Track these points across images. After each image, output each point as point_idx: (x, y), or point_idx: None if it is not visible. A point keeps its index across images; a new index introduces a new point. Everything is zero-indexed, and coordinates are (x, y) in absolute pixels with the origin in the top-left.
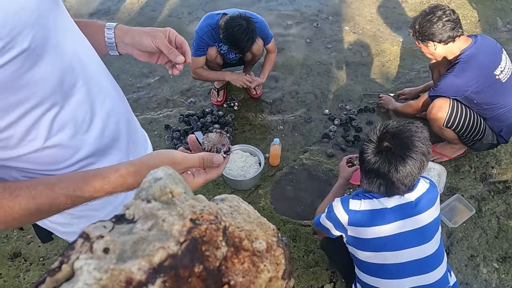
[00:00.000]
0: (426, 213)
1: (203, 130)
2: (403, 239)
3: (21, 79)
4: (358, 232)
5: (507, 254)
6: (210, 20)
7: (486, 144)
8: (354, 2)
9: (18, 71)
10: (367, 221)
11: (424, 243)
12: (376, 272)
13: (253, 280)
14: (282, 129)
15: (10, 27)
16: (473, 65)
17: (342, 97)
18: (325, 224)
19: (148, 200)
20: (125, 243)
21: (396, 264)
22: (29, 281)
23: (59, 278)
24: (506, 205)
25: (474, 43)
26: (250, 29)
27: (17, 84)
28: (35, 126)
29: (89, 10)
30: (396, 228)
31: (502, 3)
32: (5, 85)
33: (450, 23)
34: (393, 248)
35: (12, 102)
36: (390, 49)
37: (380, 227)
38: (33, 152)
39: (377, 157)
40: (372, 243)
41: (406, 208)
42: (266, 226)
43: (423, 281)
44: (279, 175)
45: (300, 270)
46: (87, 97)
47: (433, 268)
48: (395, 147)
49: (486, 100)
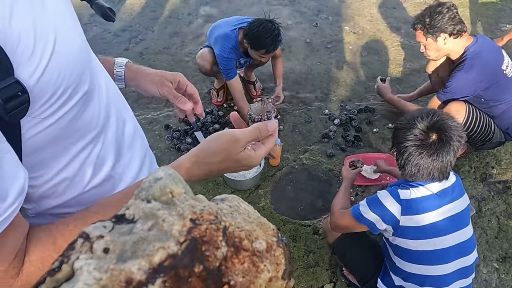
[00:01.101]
0: (461, 198)
1: (203, 130)
2: (448, 224)
3: (77, 122)
4: (412, 221)
5: (507, 254)
6: (230, 41)
7: (495, 143)
8: (354, 2)
9: (76, 115)
10: (419, 208)
11: (464, 227)
12: (424, 259)
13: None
14: (282, 129)
15: (78, 72)
16: (480, 61)
17: (342, 97)
18: (370, 218)
19: (148, 200)
20: (125, 243)
21: (443, 249)
22: None
23: (59, 278)
24: (506, 205)
25: (476, 41)
26: (276, 28)
27: (73, 128)
28: (83, 167)
29: (89, 11)
30: (443, 213)
31: (502, 3)
32: (64, 131)
33: (458, 16)
34: (442, 233)
35: (66, 146)
36: (390, 49)
37: (431, 213)
38: (79, 194)
39: (423, 149)
40: (424, 229)
41: (447, 193)
42: (266, 226)
43: (465, 262)
44: (279, 175)
45: (300, 270)
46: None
47: (472, 250)
48: (440, 139)
49: (493, 96)
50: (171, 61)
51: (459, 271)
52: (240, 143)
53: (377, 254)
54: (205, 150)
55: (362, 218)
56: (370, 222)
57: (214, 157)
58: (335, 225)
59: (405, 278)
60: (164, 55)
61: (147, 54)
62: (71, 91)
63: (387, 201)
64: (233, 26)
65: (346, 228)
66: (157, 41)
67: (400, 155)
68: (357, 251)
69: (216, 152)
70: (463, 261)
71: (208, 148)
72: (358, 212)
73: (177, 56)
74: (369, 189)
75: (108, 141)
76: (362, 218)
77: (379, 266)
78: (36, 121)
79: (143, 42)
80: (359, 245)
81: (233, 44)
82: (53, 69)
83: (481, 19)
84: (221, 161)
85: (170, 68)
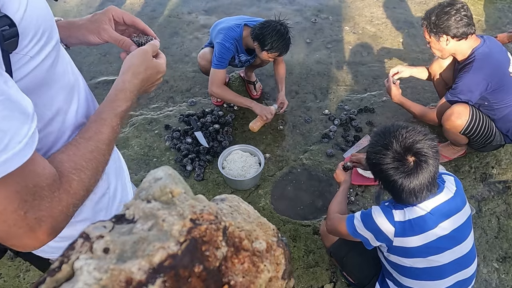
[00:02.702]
0: (461, 212)
1: (203, 130)
2: (446, 240)
3: (53, 72)
4: (405, 242)
5: (507, 254)
6: (234, 33)
7: (494, 146)
8: (354, 2)
9: (52, 64)
10: (414, 229)
11: (463, 241)
12: (421, 275)
13: (253, 280)
14: (282, 129)
15: (49, 21)
16: (489, 63)
17: (342, 97)
18: (364, 234)
19: (148, 200)
20: (125, 243)
21: (440, 266)
22: (29, 281)
23: (59, 278)
24: (506, 205)
25: (484, 42)
26: (287, 31)
27: (51, 78)
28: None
29: (89, 11)
30: (438, 231)
31: (502, 3)
32: (45, 79)
33: (467, 18)
34: (438, 251)
35: (48, 98)
36: (390, 49)
37: (426, 233)
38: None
39: (404, 173)
40: (419, 249)
41: (442, 209)
42: (266, 226)
43: (463, 276)
44: (279, 175)
45: (300, 270)
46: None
47: (471, 263)
48: (419, 158)
49: (498, 99)
50: (171, 61)
51: (458, 283)
52: (149, 52)
53: (374, 257)
54: (132, 64)
55: (356, 233)
56: (364, 238)
57: (140, 67)
58: (331, 229)
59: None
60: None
61: None
62: (48, 35)
63: (380, 221)
64: (239, 21)
65: (341, 235)
66: None
67: (391, 188)
68: (355, 256)
69: (139, 64)
70: (462, 274)
71: (133, 63)
72: (353, 227)
73: (177, 56)
74: (369, 189)
75: (81, 102)
76: (356, 233)
77: (377, 270)
78: (25, 59)
79: None
80: (356, 249)
81: (236, 36)
82: (31, 11)
83: (481, 19)
84: (146, 68)
85: (170, 68)
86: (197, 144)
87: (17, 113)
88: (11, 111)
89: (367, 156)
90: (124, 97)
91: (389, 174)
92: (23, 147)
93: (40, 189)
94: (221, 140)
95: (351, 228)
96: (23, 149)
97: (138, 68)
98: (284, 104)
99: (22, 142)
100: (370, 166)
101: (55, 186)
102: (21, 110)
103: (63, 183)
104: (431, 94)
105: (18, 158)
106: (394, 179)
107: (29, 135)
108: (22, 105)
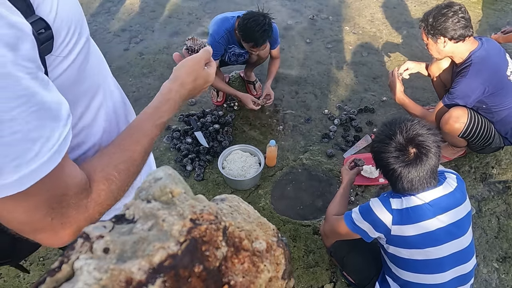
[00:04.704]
0: (461, 206)
1: (203, 130)
2: (444, 233)
3: (84, 69)
4: (403, 230)
5: (507, 254)
6: (227, 24)
7: (493, 148)
8: (354, 2)
9: (83, 60)
10: (411, 218)
11: (461, 235)
12: (419, 268)
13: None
14: (282, 129)
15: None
16: (487, 66)
17: (342, 97)
18: (362, 226)
19: (148, 200)
20: (125, 243)
21: (438, 259)
22: (29, 281)
23: (59, 278)
24: (506, 205)
25: (481, 45)
26: (267, 23)
27: (82, 75)
28: (97, 116)
29: (89, 11)
30: (436, 223)
31: (502, 3)
32: (78, 76)
33: (464, 20)
34: (435, 243)
35: (80, 94)
36: (390, 49)
37: (423, 223)
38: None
39: (403, 163)
40: (416, 239)
41: (441, 202)
42: (266, 226)
43: (462, 271)
44: (279, 175)
45: (300, 270)
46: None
47: (470, 258)
48: (420, 151)
49: (496, 102)
50: (171, 61)
51: (456, 278)
52: (201, 61)
53: (375, 258)
54: (182, 73)
55: (355, 227)
56: (362, 230)
57: (189, 77)
58: (329, 230)
59: (402, 286)
60: (164, 55)
61: (147, 54)
62: (79, 31)
63: (378, 210)
64: (235, 14)
65: (340, 236)
66: (157, 41)
67: (390, 176)
68: (355, 256)
69: (189, 72)
70: (461, 269)
71: (183, 72)
72: (351, 220)
73: None
74: (369, 189)
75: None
76: (354, 226)
77: (377, 270)
78: (58, 60)
79: (143, 42)
80: (356, 249)
81: (228, 27)
82: (62, 9)
83: (481, 19)
84: (194, 79)
85: (170, 68)
86: (197, 144)
87: (49, 121)
88: (43, 120)
89: (372, 144)
90: (168, 108)
91: (389, 162)
92: (52, 155)
93: (68, 197)
94: (221, 140)
95: (349, 223)
96: (52, 156)
97: (187, 78)
98: (271, 95)
99: (52, 150)
100: (373, 154)
101: (84, 194)
102: (53, 116)
103: (92, 193)
104: (431, 94)
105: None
106: (394, 167)
107: (60, 142)
108: (55, 111)
